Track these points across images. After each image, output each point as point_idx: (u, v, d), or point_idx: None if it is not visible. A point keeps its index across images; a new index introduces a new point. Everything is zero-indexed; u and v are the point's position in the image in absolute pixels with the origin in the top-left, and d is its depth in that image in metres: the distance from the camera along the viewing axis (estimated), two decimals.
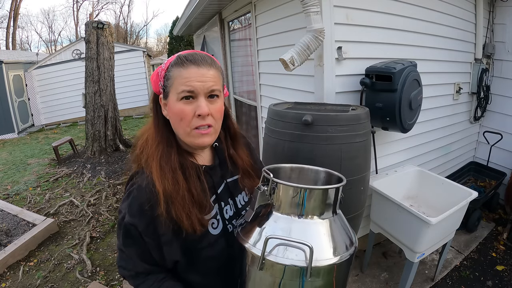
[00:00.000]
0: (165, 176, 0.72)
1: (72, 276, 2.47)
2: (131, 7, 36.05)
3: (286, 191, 0.69)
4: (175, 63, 0.73)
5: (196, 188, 0.75)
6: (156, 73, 0.78)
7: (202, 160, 0.83)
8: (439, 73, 2.60)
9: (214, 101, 0.74)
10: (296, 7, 2.07)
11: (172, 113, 0.74)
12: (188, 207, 0.72)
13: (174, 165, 0.74)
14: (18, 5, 20.29)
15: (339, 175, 0.79)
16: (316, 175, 0.87)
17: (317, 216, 0.68)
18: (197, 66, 0.72)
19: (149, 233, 0.73)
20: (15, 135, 8.25)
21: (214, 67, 0.74)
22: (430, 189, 2.18)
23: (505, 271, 2.24)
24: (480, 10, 2.82)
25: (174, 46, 14.48)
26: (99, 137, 5.39)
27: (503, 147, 3.00)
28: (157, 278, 0.79)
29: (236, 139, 0.90)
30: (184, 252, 0.76)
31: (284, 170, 0.87)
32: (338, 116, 1.55)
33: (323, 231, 0.68)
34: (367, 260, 2.27)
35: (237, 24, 3.87)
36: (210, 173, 0.82)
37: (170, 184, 0.72)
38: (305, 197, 0.67)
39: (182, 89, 0.71)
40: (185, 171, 0.76)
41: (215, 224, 0.79)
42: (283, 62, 1.74)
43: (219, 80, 0.75)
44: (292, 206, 0.68)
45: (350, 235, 0.71)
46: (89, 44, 5.24)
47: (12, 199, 3.97)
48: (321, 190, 0.69)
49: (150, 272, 0.80)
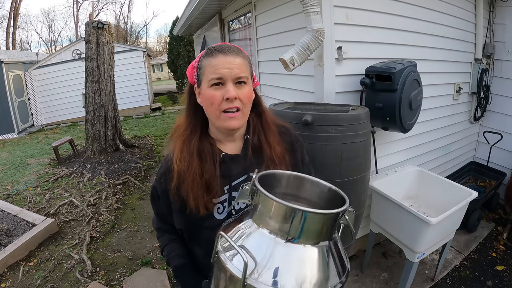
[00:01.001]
0: (182, 158, 0.82)
1: (72, 276, 2.47)
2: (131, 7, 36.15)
3: (270, 205, 0.59)
4: (205, 54, 0.81)
5: (209, 172, 0.82)
6: (191, 66, 0.86)
7: (229, 149, 0.88)
8: (439, 73, 2.60)
9: (242, 87, 0.79)
10: (296, 7, 2.07)
11: (204, 99, 0.80)
12: (196, 189, 0.81)
13: (192, 149, 0.83)
14: (18, 5, 20.30)
15: (342, 194, 0.66)
16: (317, 190, 0.75)
17: (309, 244, 0.58)
18: (224, 54, 0.78)
19: (164, 198, 0.89)
20: (15, 135, 8.25)
21: (241, 55, 0.80)
22: (430, 189, 2.18)
23: (505, 271, 2.24)
24: (480, 10, 2.82)
25: (174, 46, 14.49)
26: (99, 137, 5.38)
27: (503, 147, 3.00)
28: (170, 237, 0.97)
29: (269, 127, 0.90)
30: (186, 225, 0.88)
31: (281, 177, 0.77)
32: (338, 116, 1.55)
33: (311, 261, 0.58)
34: (367, 260, 2.27)
35: (237, 24, 3.87)
36: (228, 162, 0.86)
37: (185, 166, 0.82)
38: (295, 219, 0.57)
39: (212, 77, 0.77)
40: (202, 156, 0.83)
41: (220, 209, 0.85)
42: (283, 62, 1.74)
43: (246, 67, 0.80)
44: (277, 224, 0.58)
45: (343, 261, 0.63)
46: (89, 44, 5.24)
47: (12, 199, 3.96)
48: (318, 215, 0.58)
49: (166, 230, 0.97)
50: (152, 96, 12.22)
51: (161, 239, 0.99)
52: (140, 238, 3.01)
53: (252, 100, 0.85)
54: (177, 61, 14.40)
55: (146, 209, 3.60)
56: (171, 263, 0.92)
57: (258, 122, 0.90)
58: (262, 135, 0.89)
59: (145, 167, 4.94)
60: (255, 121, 0.90)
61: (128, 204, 3.79)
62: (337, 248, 0.64)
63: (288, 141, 0.94)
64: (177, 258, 0.91)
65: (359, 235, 2.27)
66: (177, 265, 0.90)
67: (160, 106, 11.19)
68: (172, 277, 2.37)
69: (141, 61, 10.24)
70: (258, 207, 0.63)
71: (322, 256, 0.59)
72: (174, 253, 0.93)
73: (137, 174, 4.65)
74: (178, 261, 0.91)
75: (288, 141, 0.94)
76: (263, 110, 0.92)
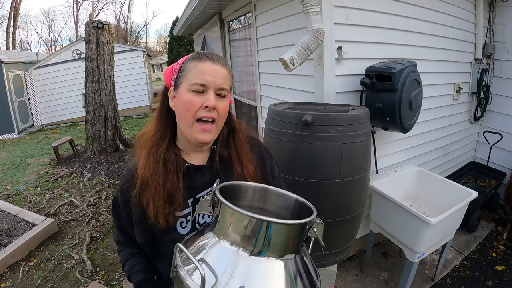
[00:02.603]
0: (148, 164, 0.79)
1: (72, 276, 2.47)
2: (131, 7, 36.15)
3: (231, 215, 0.57)
4: (193, 57, 0.78)
5: (171, 183, 0.78)
6: (170, 68, 0.83)
7: (195, 160, 0.84)
8: (439, 73, 2.60)
9: (221, 99, 0.77)
10: (296, 7, 2.07)
11: (180, 102, 0.77)
12: (157, 199, 0.77)
13: (158, 157, 0.79)
14: (18, 5, 20.30)
15: (310, 206, 0.64)
16: (285, 202, 0.72)
17: (273, 257, 0.56)
18: (213, 62, 0.76)
19: (126, 209, 0.84)
20: (15, 135, 8.24)
21: (227, 68, 0.79)
22: (430, 189, 2.18)
23: (505, 271, 2.24)
24: (480, 10, 2.82)
25: (174, 46, 14.52)
26: (99, 137, 5.39)
27: (503, 147, 3.00)
28: (131, 251, 0.91)
29: (241, 144, 0.87)
30: (147, 238, 0.83)
31: (246, 189, 0.73)
32: (338, 116, 1.55)
33: (276, 275, 0.55)
34: (367, 260, 2.27)
35: (237, 24, 3.87)
36: (193, 173, 0.82)
37: (149, 173, 0.78)
38: (258, 230, 0.54)
39: (195, 81, 0.74)
40: (167, 165, 0.79)
41: (184, 223, 0.82)
42: (283, 62, 1.74)
43: (228, 81, 0.79)
44: (239, 236, 0.56)
45: (312, 276, 0.60)
46: (89, 44, 5.24)
47: (12, 199, 3.97)
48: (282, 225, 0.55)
49: (127, 244, 0.91)
50: (152, 96, 12.20)
51: (122, 253, 0.93)
52: None
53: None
54: (177, 61, 14.41)
55: None
56: (132, 279, 0.84)
57: (229, 136, 0.88)
58: (234, 152, 0.86)
59: None
60: (225, 133, 0.87)
61: None
62: (305, 263, 0.60)
63: (258, 152, 0.92)
64: (138, 274, 0.85)
65: (359, 235, 2.27)
66: (139, 281, 0.83)
67: None
68: None
69: (141, 61, 10.23)
70: (218, 219, 0.59)
71: (287, 270, 0.56)
72: (135, 268, 0.86)
73: None
74: (140, 276, 0.84)
75: (257, 152, 0.92)
76: (236, 127, 0.89)
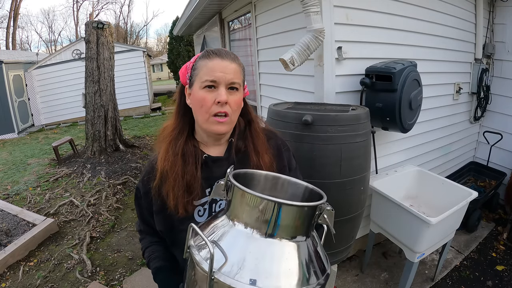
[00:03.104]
0: (167, 158, 0.84)
1: (72, 276, 2.47)
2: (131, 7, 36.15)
3: (244, 198, 0.58)
4: (202, 56, 0.82)
5: (190, 174, 0.83)
6: (185, 66, 0.86)
7: (213, 152, 0.88)
8: (439, 73, 2.60)
9: (233, 93, 0.80)
10: (296, 7, 2.07)
11: (195, 100, 0.81)
12: (177, 189, 0.82)
13: (177, 150, 0.84)
14: (18, 5, 20.30)
15: (320, 192, 0.67)
16: (295, 190, 0.74)
17: (285, 238, 0.57)
18: (221, 58, 0.79)
19: (147, 199, 0.89)
20: (15, 135, 8.24)
21: (236, 62, 0.82)
22: (430, 189, 2.18)
23: (505, 271, 2.24)
24: (480, 10, 2.82)
25: (174, 46, 14.49)
26: (99, 137, 5.38)
27: (503, 147, 3.00)
28: (152, 239, 0.97)
29: (258, 135, 0.91)
30: (166, 226, 0.88)
31: (258, 177, 0.76)
32: (338, 116, 1.55)
33: (291, 257, 0.56)
34: (367, 260, 2.27)
35: (237, 24, 3.87)
36: (210, 164, 0.86)
37: (168, 166, 0.83)
38: (271, 212, 0.55)
39: (206, 78, 0.78)
40: (185, 157, 0.84)
41: (201, 212, 0.86)
42: (283, 62, 1.74)
43: (239, 75, 0.82)
44: (252, 218, 0.57)
45: (322, 261, 0.62)
46: (89, 44, 5.23)
47: (12, 199, 3.96)
48: (291, 207, 0.56)
49: (148, 233, 0.97)
50: (152, 96, 12.23)
51: (143, 241, 0.99)
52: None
53: (241, 109, 0.86)
54: (177, 61, 14.39)
55: None
56: (151, 265, 0.91)
57: (246, 129, 0.91)
58: (250, 143, 0.89)
59: None
60: (242, 126, 0.91)
61: (128, 204, 3.79)
62: (315, 246, 0.62)
63: (275, 145, 0.95)
64: (156, 261, 0.91)
65: (359, 235, 2.27)
66: (156, 267, 0.90)
67: (160, 106, 11.19)
68: None
69: (141, 61, 10.23)
70: (232, 202, 0.62)
71: (298, 251, 0.57)
72: (154, 256, 0.93)
73: (137, 174, 4.65)
74: (157, 263, 0.90)
75: (274, 145, 0.95)
76: (252, 118, 0.92)
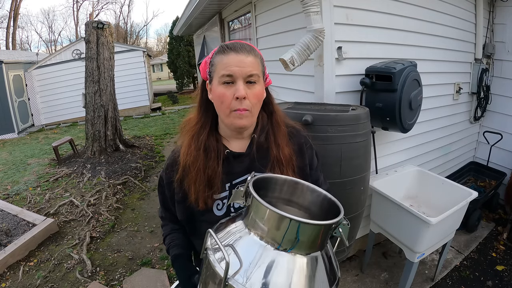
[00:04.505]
0: (189, 152, 0.85)
1: (72, 276, 2.47)
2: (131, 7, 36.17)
3: (262, 210, 0.58)
4: (218, 51, 0.81)
5: (211, 169, 0.84)
6: (204, 61, 0.86)
7: (235, 147, 0.88)
8: (439, 73, 2.60)
9: (252, 86, 0.79)
10: (296, 7, 2.07)
11: (215, 96, 0.81)
12: (198, 183, 0.83)
13: (199, 145, 0.85)
14: (18, 5, 20.30)
15: (338, 204, 0.64)
16: (313, 197, 0.73)
17: (299, 254, 0.57)
18: (236, 53, 0.78)
19: (169, 188, 0.92)
20: (15, 135, 8.24)
21: (253, 54, 0.80)
22: (430, 189, 2.18)
23: (505, 271, 2.24)
24: (480, 10, 2.82)
25: (174, 46, 14.50)
26: (99, 137, 5.38)
27: (503, 147, 3.00)
28: (173, 227, 0.99)
29: (279, 127, 0.90)
30: (186, 216, 0.90)
31: (276, 181, 0.75)
32: (338, 116, 1.55)
33: (303, 271, 0.56)
34: (367, 260, 2.27)
35: (237, 24, 3.87)
36: (232, 160, 0.86)
37: (191, 160, 0.84)
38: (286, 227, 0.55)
39: (223, 73, 0.78)
40: (208, 152, 0.85)
41: (220, 206, 0.87)
42: (283, 62, 1.74)
43: (257, 66, 0.80)
44: (268, 230, 0.57)
45: (334, 269, 0.62)
46: (89, 44, 5.23)
47: (12, 199, 3.96)
48: (310, 225, 0.56)
49: (170, 220, 0.99)
50: (152, 96, 12.22)
51: (164, 228, 1.01)
52: (140, 238, 3.01)
53: (263, 99, 0.84)
54: (177, 61, 14.40)
55: (146, 209, 3.60)
56: (170, 252, 0.94)
57: (267, 121, 0.90)
58: (271, 135, 0.88)
59: (145, 167, 4.94)
60: (265, 120, 0.90)
61: (128, 204, 3.79)
62: (329, 257, 0.63)
63: (297, 143, 0.93)
64: (176, 248, 0.93)
65: (359, 235, 2.27)
66: (175, 254, 0.92)
67: (160, 106, 11.19)
68: (172, 277, 2.37)
69: (141, 61, 10.23)
70: (250, 211, 0.62)
71: (312, 266, 0.58)
72: (174, 243, 0.95)
73: (137, 174, 4.65)
74: (177, 251, 0.93)
75: (297, 143, 0.93)
76: (274, 109, 0.91)
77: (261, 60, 0.83)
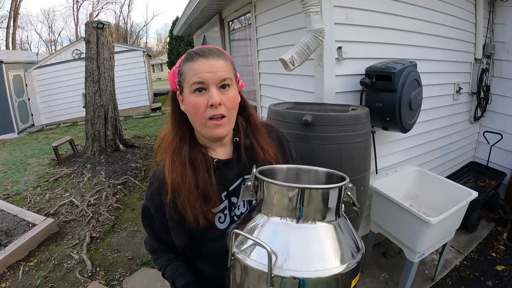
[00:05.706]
0: (174, 169, 0.78)
1: (72, 276, 2.47)
2: (131, 7, 36.18)
3: (277, 191, 0.61)
4: (186, 59, 0.78)
5: (204, 182, 0.78)
6: (172, 72, 0.82)
7: (220, 154, 0.85)
8: (439, 73, 2.60)
9: (226, 91, 0.76)
10: (296, 7, 2.07)
11: (188, 106, 0.77)
12: (193, 199, 0.77)
13: (184, 159, 0.78)
14: (18, 5, 20.30)
15: (341, 174, 0.70)
16: (316, 176, 0.78)
17: (319, 221, 0.60)
18: (205, 58, 0.74)
19: (159, 216, 0.84)
20: (15, 135, 8.24)
21: (223, 57, 0.77)
22: (430, 189, 2.18)
23: (505, 271, 2.24)
24: (480, 10, 2.82)
25: (174, 46, 14.50)
26: (99, 137, 5.38)
27: (503, 147, 3.00)
28: (169, 256, 0.90)
29: (258, 129, 0.88)
30: (188, 239, 0.83)
31: (279, 171, 0.78)
32: (338, 116, 1.55)
33: (326, 237, 0.60)
34: (367, 260, 2.27)
35: (237, 24, 3.87)
36: (222, 168, 0.83)
37: (178, 177, 0.77)
38: (302, 198, 0.59)
39: (193, 81, 0.74)
40: (195, 165, 0.79)
41: (222, 219, 0.82)
42: (283, 62, 1.74)
43: (229, 69, 0.77)
44: (287, 208, 0.60)
45: (355, 240, 0.64)
46: (89, 44, 5.23)
47: (12, 199, 3.96)
48: (320, 191, 0.60)
49: (164, 250, 0.91)
50: (152, 96, 12.22)
51: (159, 261, 0.92)
52: (140, 238, 3.01)
53: (239, 104, 0.81)
54: (177, 61, 14.38)
55: None
56: (177, 283, 0.84)
57: (247, 125, 0.88)
58: (253, 139, 0.86)
59: (145, 167, 4.94)
60: (244, 124, 0.87)
61: (128, 204, 3.79)
62: (348, 226, 0.66)
63: (276, 138, 0.94)
64: (183, 277, 0.85)
65: (359, 235, 2.27)
66: (185, 284, 0.83)
67: (160, 106, 11.19)
68: None
69: (141, 61, 10.23)
70: (264, 199, 0.63)
71: (336, 231, 0.61)
72: (178, 273, 0.86)
73: (137, 174, 4.65)
74: (185, 279, 0.84)
75: (276, 138, 0.94)
76: (250, 113, 0.89)
77: (232, 63, 0.79)
